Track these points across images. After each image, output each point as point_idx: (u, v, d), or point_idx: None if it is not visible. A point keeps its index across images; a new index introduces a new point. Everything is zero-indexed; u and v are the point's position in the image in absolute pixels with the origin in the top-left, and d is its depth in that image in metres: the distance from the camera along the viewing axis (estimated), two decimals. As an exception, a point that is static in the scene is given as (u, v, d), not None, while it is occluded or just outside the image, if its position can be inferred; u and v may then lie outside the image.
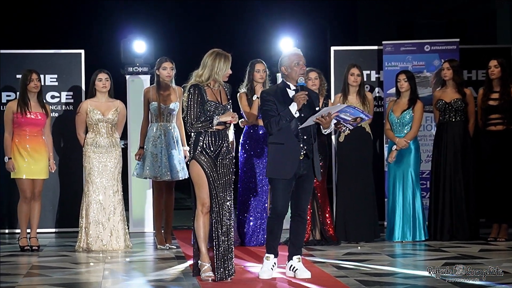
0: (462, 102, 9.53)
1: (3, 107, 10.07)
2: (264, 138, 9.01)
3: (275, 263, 7.18)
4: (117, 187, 9.18)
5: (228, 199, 6.98)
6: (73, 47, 11.22)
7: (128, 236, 9.28)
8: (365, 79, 9.86)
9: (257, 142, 9.23)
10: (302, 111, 7.00)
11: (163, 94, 9.16)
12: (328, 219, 9.27)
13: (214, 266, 6.92)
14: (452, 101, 9.55)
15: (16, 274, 7.48)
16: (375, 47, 11.19)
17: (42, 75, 10.22)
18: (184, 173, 9.17)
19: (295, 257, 7.13)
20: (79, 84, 10.93)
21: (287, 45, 11.07)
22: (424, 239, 9.42)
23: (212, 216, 6.95)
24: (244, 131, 9.35)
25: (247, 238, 9.21)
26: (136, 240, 9.84)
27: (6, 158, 9.10)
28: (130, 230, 10.16)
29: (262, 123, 7.31)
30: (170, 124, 9.18)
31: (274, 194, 7.10)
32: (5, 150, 9.15)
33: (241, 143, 9.34)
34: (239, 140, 9.39)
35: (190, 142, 7.00)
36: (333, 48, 11.31)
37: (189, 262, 8.04)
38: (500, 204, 9.37)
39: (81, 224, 9.12)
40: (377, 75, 11.16)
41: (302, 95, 6.95)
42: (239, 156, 9.32)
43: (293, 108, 6.95)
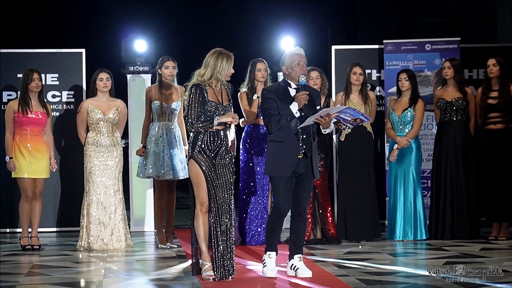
0: (463, 101, 9.53)
1: (4, 107, 10.07)
2: (265, 137, 9.00)
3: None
4: (118, 186, 9.18)
5: (227, 199, 6.97)
6: (74, 47, 11.22)
7: (129, 235, 9.27)
8: (367, 78, 9.83)
9: (258, 141, 9.23)
10: (303, 110, 6.99)
11: (165, 93, 9.16)
12: (329, 218, 9.27)
13: (214, 266, 6.92)
14: (453, 100, 9.55)
15: (17, 273, 7.48)
16: (376, 46, 11.19)
17: (43, 75, 10.23)
18: (186, 172, 9.17)
19: (296, 256, 7.12)
20: (80, 84, 10.93)
21: (288, 44, 11.08)
22: (425, 238, 9.43)
23: (211, 216, 6.95)
24: (245, 130, 9.35)
25: (248, 237, 9.21)
26: (137, 239, 9.84)
27: (7, 158, 9.09)
28: (131, 229, 10.15)
29: (263, 121, 7.30)
30: (172, 123, 9.18)
31: (275, 192, 7.09)
32: (6, 150, 9.15)
33: (242, 143, 9.34)
34: (240, 140, 9.39)
35: (189, 141, 7.01)
36: (334, 47, 11.31)
37: (190, 261, 8.04)
38: (500, 203, 9.37)
39: (82, 223, 9.12)
40: (378, 74, 11.16)
41: (303, 95, 6.94)
42: (240, 155, 9.32)
43: (294, 108, 6.95)
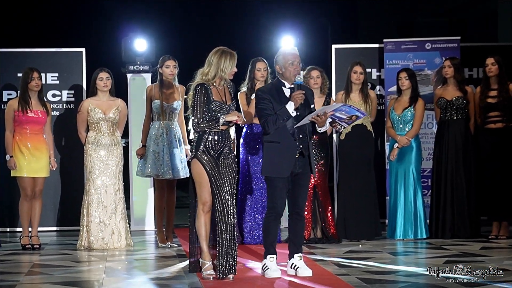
0: (463, 100, 9.53)
1: (4, 106, 10.07)
2: (260, 136, 8.98)
3: None
4: (118, 186, 9.18)
5: (231, 198, 6.95)
6: (74, 46, 11.22)
7: (130, 235, 9.27)
8: (367, 77, 9.83)
9: (255, 141, 9.22)
10: (299, 110, 6.98)
11: (166, 92, 9.16)
12: (330, 217, 9.26)
13: (217, 264, 6.91)
14: (453, 99, 9.54)
15: (18, 273, 7.47)
16: (376, 45, 11.19)
17: (43, 74, 10.23)
18: (186, 172, 9.18)
19: (296, 255, 7.12)
20: (80, 83, 10.93)
21: (288, 43, 11.08)
22: (426, 237, 9.43)
23: (216, 215, 6.92)
24: (244, 131, 9.33)
25: (246, 236, 9.20)
26: (138, 239, 9.84)
27: (8, 156, 9.09)
28: (132, 229, 10.15)
29: (258, 121, 7.27)
30: (172, 123, 9.18)
31: (272, 193, 7.06)
32: (6, 148, 9.15)
33: (242, 142, 9.33)
34: (239, 139, 9.38)
35: (193, 141, 6.98)
36: (334, 46, 11.31)
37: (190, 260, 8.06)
38: (500, 202, 9.36)
39: (83, 223, 9.12)
40: (378, 73, 11.16)
41: (299, 94, 6.92)
42: (241, 154, 9.32)
43: (290, 107, 6.93)
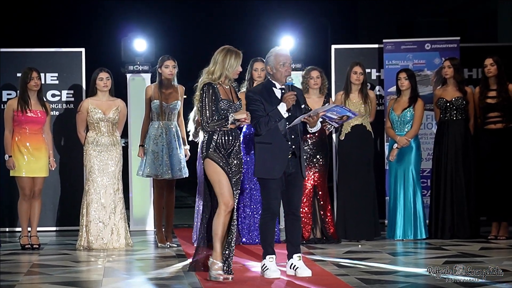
0: (463, 101, 9.52)
1: (4, 106, 10.07)
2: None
3: None
4: (118, 186, 9.18)
5: (235, 199, 6.92)
6: (74, 46, 11.23)
7: (129, 235, 9.27)
8: (367, 78, 9.83)
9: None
10: (291, 110, 6.97)
11: (165, 93, 9.16)
12: (329, 218, 9.26)
13: (226, 263, 6.86)
14: (453, 100, 9.54)
15: (17, 273, 7.47)
16: (376, 46, 11.19)
17: (43, 74, 10.22)
18: (185, 172, 9.18)
19: (295, 256, 7.11)
20: (80, 83, 10.93)
21: (287, 43, 11.08)
22: (425, 238, 9.42)
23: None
24: (243, 131, 9.30)
25: (245, 237, 9.18)
26: (137, 239, 9.84)
27: (7, 156, 9.09)
28: (131, 229, 10.15)
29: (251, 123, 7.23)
30: (172, 123, 9.18)
31: (266, 194, 7.04)
32: (6, 148, 9.15)
33: (240, 143, 9.29)
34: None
35: (203, 141, 6.86)
36: (334, 47, 11.31)
37: (190, 260, 8.04)
38: (500, 202, 9.36)
39: (82, 223, 9.12)
40: (378, 74, 11.16)
41: (291, 96, 6.91)
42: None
43: (282, 109, 6.91)
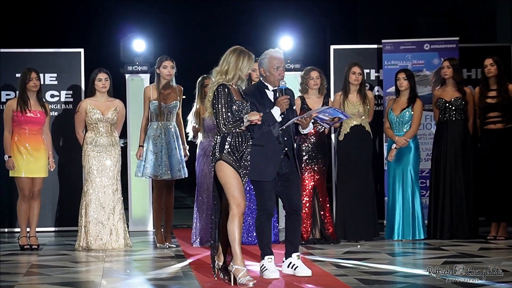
0: (462, 101, 9.53)
1: (3, 106, 10.07)
2: None
3: None
4: (117, 186, 9.18)
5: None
6: (73, 46, 11.23)
7: (128, 235, 9.27)
8: (365, 78, 9.85)
9: None
10: (284, 112, 6.96)
11: (164, 93, 9.16)
12: (328, 218, 9.26)
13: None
14: (452, 100, 9.54)
15: (16, 273, 7.47)
16: (375, 46, 11.19)
17: (42, 74, 10.22)
18: (184, 172, 9.19)
19: (294, 255, 7.10)
20: (79, 83, 10.93)
21: (287, 44, 11.07)
22: (423, 238, 9.42)
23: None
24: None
25: (244, 237, 9.15)
26: (136, 239, 9.84)
27: (6, 156, 9.10)
28: (130, 229, 10.16)
29: None
30: (170, 123, 9.18)
31: (261, 196, 7.03)
32: (5, 148, 9.15)
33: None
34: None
35: (216, 143, 6.75)
36: (333, 47, 11.30)
37: (189, 261, 8.06)
38: (499, 203, 9.36)
39: (81, 223, 9.11)
40: (377, 74, 11.16)
41: (285, 100, 6.90)
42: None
43: (276, 113, 6.90)
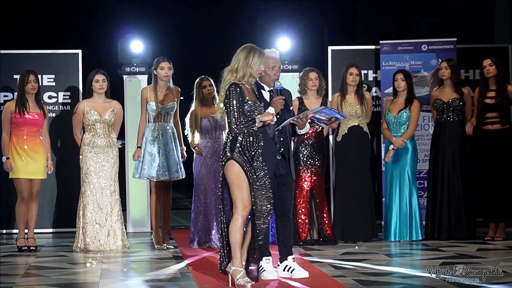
0: (460, 102, 9.53)
1: (1, 107, 10.07)
2: None
3: None
4: (114, 187, 9.18)
5: (266, 203, 6.64)
6: (71, 47, 11.22)
7: (126, 236, 9.27)
8: (363, 79, 9.86)
9: None
10: (279, 114, 6.96)
11: (161, 94, 9.16)
12: (326, 219, 9.26)
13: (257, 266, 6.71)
14: (450, 101, 9.55)
15: (14, 275, 7.47)
16: (373, 47, 11.19)
17: (40, 75, 10.20)
18: (182, 173, 9.19)
19: (290, 257, 7.10)
20: (76, 85, 10.92)
21: (285, 45, 11.08)
22: (421, 239, 9.43)
23: (251, 219, 6.65)
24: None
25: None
26: (134, 240, 9.84)
27: (4, 158, 9.10)
28: (128, 230, 10.16)
29: None
30: (168, 124, 9.18)
31: None
32: (3, 150, 9.15)
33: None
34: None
35: (226, 142, 6.66)
36: (331, 48, 11.31)
37: (187, 262, 8.06)
38: (498, 203, 9.37)
39: (79, 224, 9.12)
40: (375, 75, 11.16)
41: (280, 100, 6.90)
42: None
43: (271, 112, 6.88)
